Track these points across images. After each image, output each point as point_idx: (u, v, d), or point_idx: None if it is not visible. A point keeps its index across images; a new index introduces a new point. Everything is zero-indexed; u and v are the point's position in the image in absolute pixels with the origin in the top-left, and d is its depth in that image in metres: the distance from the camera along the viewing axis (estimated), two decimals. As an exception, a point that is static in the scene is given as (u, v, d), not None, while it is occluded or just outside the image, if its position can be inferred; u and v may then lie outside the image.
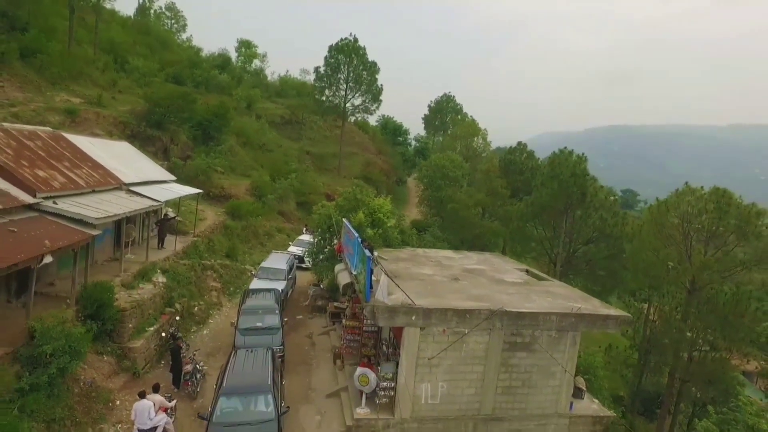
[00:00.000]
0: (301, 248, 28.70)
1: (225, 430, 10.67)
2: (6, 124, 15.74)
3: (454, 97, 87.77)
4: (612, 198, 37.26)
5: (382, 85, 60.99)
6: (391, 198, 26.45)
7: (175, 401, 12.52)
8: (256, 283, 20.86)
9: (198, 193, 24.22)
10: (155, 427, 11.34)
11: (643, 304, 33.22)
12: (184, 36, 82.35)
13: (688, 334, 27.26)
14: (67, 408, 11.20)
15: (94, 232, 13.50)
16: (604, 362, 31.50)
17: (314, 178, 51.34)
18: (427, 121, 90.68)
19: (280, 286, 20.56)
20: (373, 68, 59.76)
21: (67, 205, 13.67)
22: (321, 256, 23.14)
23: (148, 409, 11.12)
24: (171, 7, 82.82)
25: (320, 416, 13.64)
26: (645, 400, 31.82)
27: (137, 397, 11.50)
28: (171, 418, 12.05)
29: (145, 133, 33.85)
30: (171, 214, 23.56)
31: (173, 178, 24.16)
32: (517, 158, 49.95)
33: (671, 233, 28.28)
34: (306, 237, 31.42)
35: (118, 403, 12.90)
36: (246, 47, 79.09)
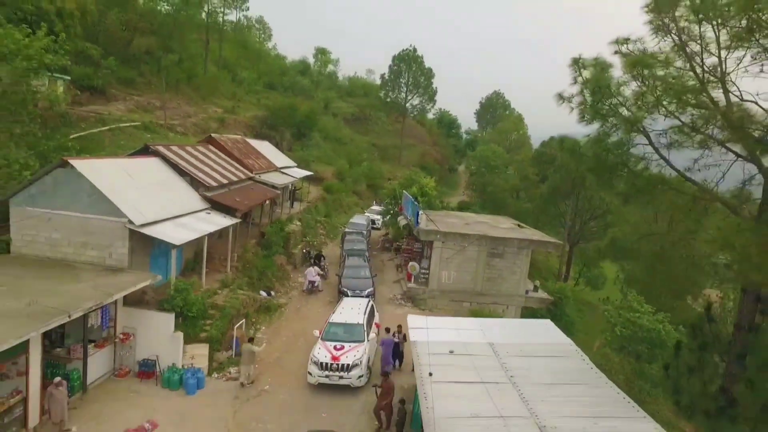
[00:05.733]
0: (373, 214, 41.67)
1: (350, 280, 23.45)
2: (231, 135, 29.50)
3: (503, 93, 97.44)
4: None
5: (436, 87, 72.57)
6: (436, 179, 38.57)
7: (322, 272, 25.68)
8: (349, 229, 33.68)
9: (310, 175, 37.44)
10: (314, 281, 24.41)
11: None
12: (270, 44, 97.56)
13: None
14: (275, 270, 24.54)
15: (278, 192, 26.81)
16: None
17: (379, 166, 64.03)
18: (479, 115, 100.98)
19: (363, 230, 33.33)
20: (429, 74, 71.31)
21: (264, 178, 27.05)
22: (388, 216, 35.85)
23: (315, 271, 24.27)
24: (260, 20, 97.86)
25: (390, 289, 26.26)
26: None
27: (309, 265, 24.75)
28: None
29: (264, 132, 47.90)
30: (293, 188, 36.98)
31: (295, 164, 37.60)
32: (547, 150, 60.02)
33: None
34: (376, 207, 44.43)
35: (292, 276, 26.23)
36: (322, 54, 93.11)
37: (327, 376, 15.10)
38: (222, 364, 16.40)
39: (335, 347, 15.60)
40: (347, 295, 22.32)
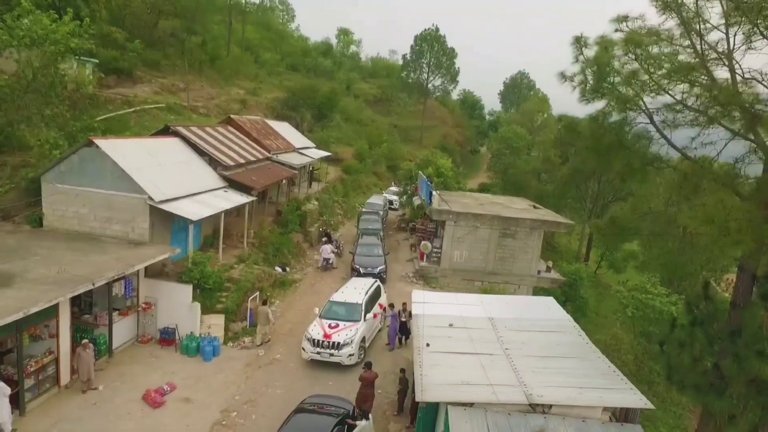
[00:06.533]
0: (390, 195, 42.11)
1: (363, 257, 24.08)
2: (250, 116, 30.24)
3: (528, 74, 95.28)
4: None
5: (459, 68, 71.62)
6: (455, 160, 38.60)
7: (337, 250, 26.40)
8: (365, 209, 34.28)
9: (329, 156, 38.04)
10: (329, 258, 25.15)
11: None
12: (293, 25, 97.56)
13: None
14: (291, 247, 25.35)
15: (296, 172, 27.47)
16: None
17: (400, 147, 64.06)
18: (503, 96, 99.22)
19: (379, 210, 33.87)
20: (451, 54, 70.38)
21: (282, 158, 27.74)
22: (405, 197, 36.23)
23: (329, 248, 25.00)
24: (283, 1, 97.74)
25: (403, 267, 26.81)
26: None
27: (322, 243, 25.49)
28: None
29: (285, 114, 48.61)
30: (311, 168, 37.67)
31: (314, 145, 38.23)
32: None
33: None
34: (394, 188, 44.82)
35: (308, 253, 27.05)
36: (345, 35, 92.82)
37: (318, 353, 15.68)
38: (237, 333, 17.36)
39: (329, 325, 16.15)
40: (359, 273, 22.97)
